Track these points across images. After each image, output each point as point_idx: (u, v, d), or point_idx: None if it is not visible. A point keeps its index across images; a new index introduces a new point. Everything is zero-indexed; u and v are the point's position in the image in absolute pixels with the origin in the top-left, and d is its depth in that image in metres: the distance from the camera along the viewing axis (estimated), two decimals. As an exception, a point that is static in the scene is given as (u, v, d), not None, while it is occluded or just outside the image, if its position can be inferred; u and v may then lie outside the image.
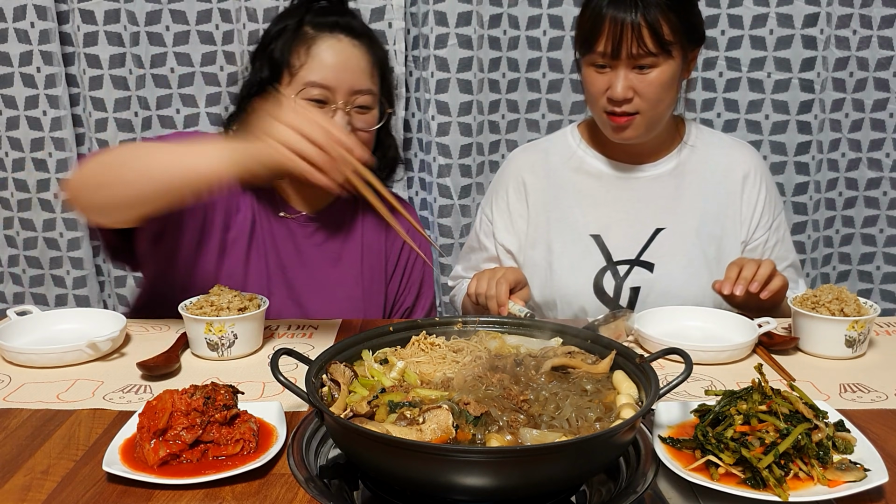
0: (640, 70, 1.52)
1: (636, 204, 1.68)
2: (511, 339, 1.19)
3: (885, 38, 2.23)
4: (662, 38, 1.49)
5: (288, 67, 1.49)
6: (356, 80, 1.50)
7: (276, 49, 1.51)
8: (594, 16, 1.51)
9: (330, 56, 1.48)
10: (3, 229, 2.35)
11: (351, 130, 1.49)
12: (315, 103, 1.47)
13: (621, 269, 1.67)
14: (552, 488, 0.89)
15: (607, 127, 1.60)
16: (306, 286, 1.64)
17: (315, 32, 1.50)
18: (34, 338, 1.37)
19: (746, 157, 1.72)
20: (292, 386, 0.98)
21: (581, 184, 1.71)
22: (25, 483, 0.93)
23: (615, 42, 1.49)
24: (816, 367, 1.30)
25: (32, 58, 2.18)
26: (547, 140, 1.82)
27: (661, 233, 1.67)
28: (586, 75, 1.58)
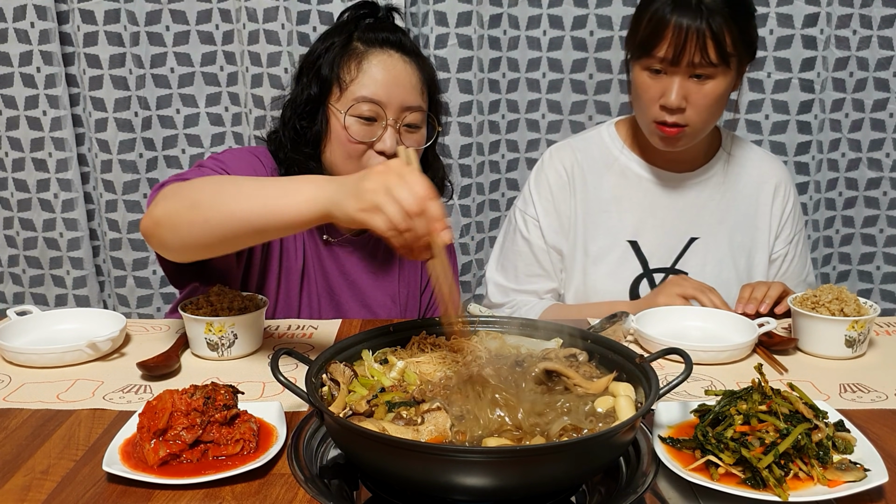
0: (696, 80, 1.49)
1: (672, 211, 1.67)
2: (511, 339, 1.19)
3: (885, 38, 2.23)
4: (725, 48, 1.45)
5: (338, 82, 1.46)
6: (407, 97, 1.47)
7: (324, 65, 1.47)
8: (656, 19, 1.46)
9: (381, 71, 1.46)
10: (3, 229, 2.35)
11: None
12: (365, 121, 1.45)
13: (657, 276, 1.66)
14: (552, 488, 0.89)
15: (654, 136, 1.57)
16: (350, 306, 1.63)
17: (366, 48, 1.47)
18: (34, 338, 1.37)
19: (777, 170, 1.73)
20: (292, 386, 0.98)
21: (618, 186, 1.69)
22: (25, 483, 0.93)
23: (677, 49, 1.45)
24: (816, 367, 1.30)
25: (32, 58, 2.18)
26: (582, 139, 1.77)
27: (696, 242, 1.66)
28: (639, 80, 1.54)
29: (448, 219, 1.04)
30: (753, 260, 1.67)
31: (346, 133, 1.45)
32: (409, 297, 1.71)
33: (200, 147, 2.32)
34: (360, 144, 1.46)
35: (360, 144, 1.46)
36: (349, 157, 1.47)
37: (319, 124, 1.48)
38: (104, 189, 2.29)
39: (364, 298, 1.65)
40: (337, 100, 1.47)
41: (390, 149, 1.45)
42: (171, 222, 1.19)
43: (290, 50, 2.20)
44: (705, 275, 1.64)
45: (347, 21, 1.52)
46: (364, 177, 1.02)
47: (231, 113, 2.31)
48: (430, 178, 1.55)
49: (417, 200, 0.98)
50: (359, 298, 1.64)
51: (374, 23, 1.52)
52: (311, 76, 1.49)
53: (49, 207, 2.31)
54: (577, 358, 1.11)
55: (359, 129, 1.45)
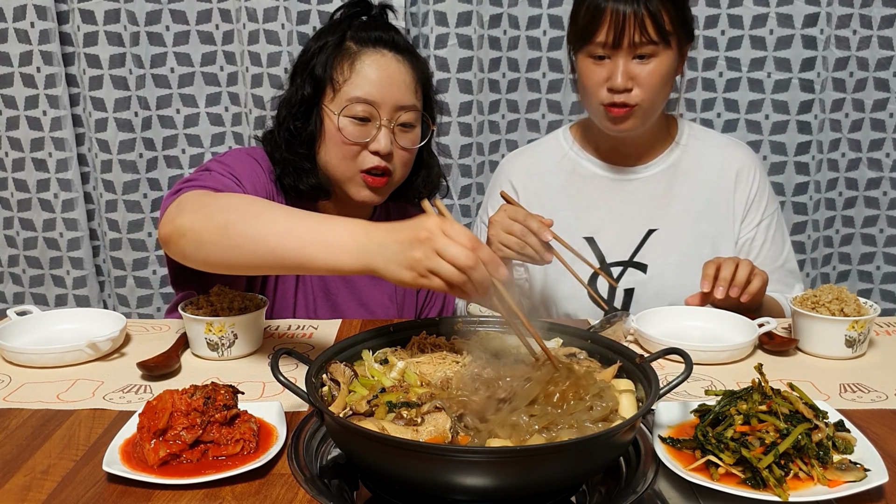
0: (639, 60, 1.52)
1: (629, 206, 1.69)
2: (511, 339, 1.19)
3: (885, 38, 2.23)
4: (663, 27, 1.50)
5: (331, 83, 1.46)
6: (401, 96, 1.47)
7: (317, 65, 1.47)
8: (593, 7, 1.50)
9: (374, 71, 1.46)
10: (3, 229, 2.35)
11: (395, 148, 1.47)
12: (359, 121, 1.45)
13: (615, 270, 1.68)
14: (552, 488, 0.89)
15: (605, 119, 1.59)
16: (347, 305, 1.64)
17: (358, 48, 1.47)
18: (34, 338, 1.37)
19: (740, 155, 1.72)
20: (292, 386, 0.98)
21: (573, 186, 1.72)
22: (25, 483, 0.93)
23: (617, 31, 1.49)
24: (816, 367, 1.30)
25: (32, 58, 2.18)
26: (539, 143, 1.82)
27: (654, 234, 1.67)
28: (584, 68, 1.57)
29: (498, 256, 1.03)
30: (719, 249, 1.67)
31: (341, 134, 1.45)
32: (406, 294, 1.71)
33: (200, 147, 2.32)
34: (354, 145, 1.46)
35: (354, 145, 1.46)
36: (344, 157, 1.47)
37: (314, 124, 1.48)
38: (104, 189, 2.29)
39: (361, 297, 1.65)
40: (331, 100, 1.47)
41: (384, 148, 1.45)
42: (198, 238, 1.18)
43: (290, 50, 2.20)
44: (667, 265, 1.65)
45: (341, 20, 1.52)
46: (410, 245, 1.01)
47: (231, 113, 2.31)
48: (426, 175, 1.59)
49: (469, 255, 0.99)
50: (356, 297, 1.65)
51: (367, 21, 1.52)
52: (305, 76, 1.49)
53: (49, 207, 2.31)
54: (577, 356, 1.11)
55: (353, 129, 1.45)
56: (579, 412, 0.94)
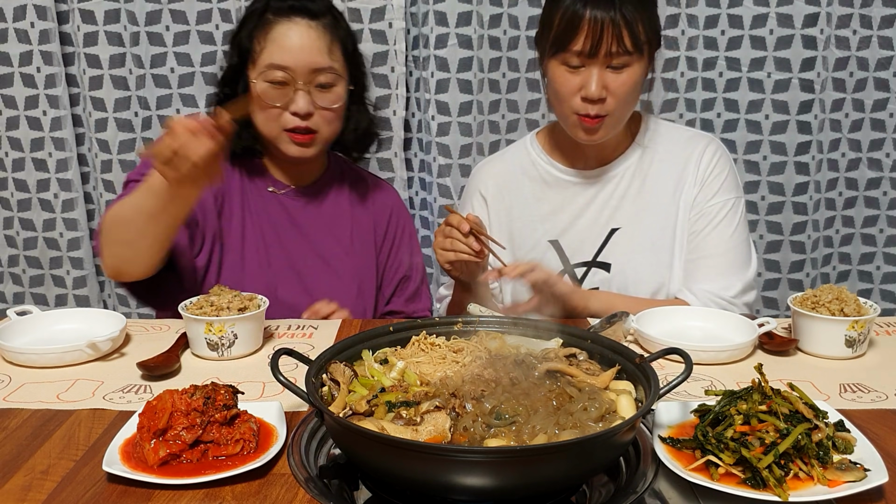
0: (613, 69, 1.52)
1: (591, 207, 1.70)
2: (511, 339, 1.19)
3: (885, 38, 2.23)
4: (638, 36, 1.50)
5: (251, 53, 1.60)
6: (314, 59, 1.58)
7: (242, 36, 1.62)
8: (570, 14, 1.49)
9: (286, 38, 1.58)
10: (3, 229, 2.35)
11: (314, 108, 1.59)
12: (277, 85, 1.57)
13: (578, 271, 1.69)
14: (552, 488, 0.89)
15: (577, 128, 1.59)
16: (302, 256, 1.71)
17: (275, 17, 1.59)
18: (34, 338, 1.37)
19: (702, 145, 1.68)
20: (292, 386, 0.98)
21: (539, 192, 1.73)
22: (25, 483, 0.93)
23: (594, 41, 1.48)
24: (816, 367, 1.30)
25: (32, 58, 2.18)
26: (506, 151, 1.84)
27: (617, 232, 1.68)
28: (556, 75, 1.56)
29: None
30: (679, 239, 1.66)
31: (262, 99, 1.59)
32: (365, 257, 1.77)
33: (200, 147, 2.32)
34: (275, 108, 1.59)
35: (275, 108, 1.59)
36: (268, 118, 1.61)
37: (241, 90, 1.62)
38: (104, 189, 2.29)
39: (316, 250, 1.72)
40: (252, 69, 1.60)
41: (302, 109, 1.58)
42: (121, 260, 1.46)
43: (290, 50, 2.20)
44: (629, 263, 1.66)
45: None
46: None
47: (231, 113, 2.30)
48: (353, 130, 1.70)
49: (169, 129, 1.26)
50: (311, 249, 1.72)
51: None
52: (234, 47, 1.64)
53: (49, 207, 2.31)
54: (577, 357, 1.11)
55: (272, 93, 1.58)
56: (578, 412, 0.94)
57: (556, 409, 0.96)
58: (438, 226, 1.56)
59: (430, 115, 2.22)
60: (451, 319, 1.22)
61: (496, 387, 1.00)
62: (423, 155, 2.32)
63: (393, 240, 1.82)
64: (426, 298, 1.89)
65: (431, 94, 2.21)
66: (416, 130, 2.32)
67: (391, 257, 1.82)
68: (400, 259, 1.83)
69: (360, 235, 1.78)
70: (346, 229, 1.76)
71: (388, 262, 1.82)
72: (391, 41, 2.19)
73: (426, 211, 2.36)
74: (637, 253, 1.66)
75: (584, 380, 1.04)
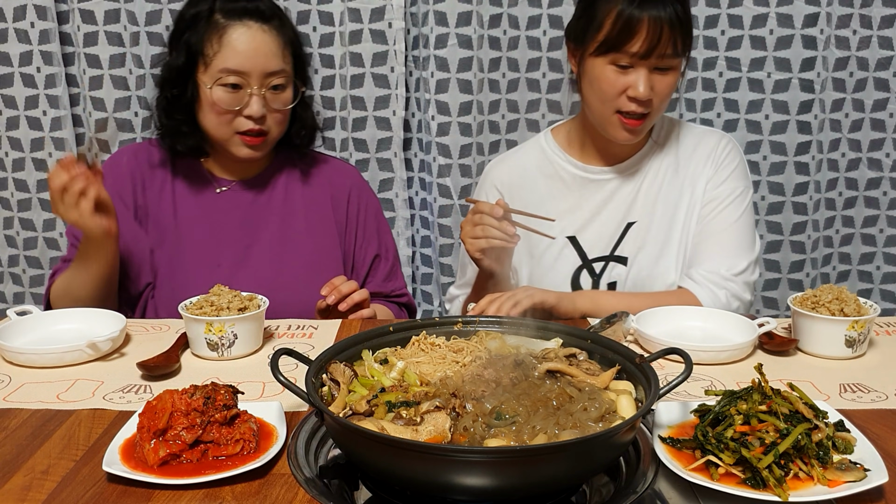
0: (658, 71, 1.53)
1: (608, 203, 1.71)
2: (511, 339, 1.19)
3: (885, 38, 2.23)
4: (688, 39, 1.52)
5: (202, 56, 1.59)
6: (268, 63, 1.59)
7: (190, 38, 1.60)
8: (627, 16, 1.48)
9: (241, 43, 1.57)
10: (3, 229, 2.35)
11: (268, 111, 1.60)
12: (230, 88, 1.58)
13: (597, 266, 1.69)
14: (552, 488, 0.89)
15: (617, 127, 1.59)
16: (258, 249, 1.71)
17: (226, 21, 1.59)
18: (34, 338, 1.37)
19: (714, 140, 1.70)
20: (292, 386, 0.98)
21: (555, 189, 1.73)
22: (25, 483, 0.93)
23: (652, 43, 1.48)
24: (816, 367, 1.30)
25: (32, 58, 2.18)
26: (520, 149, 1.84)
27: (633, 227, 1.69)
28: (602, 74, 1.55)
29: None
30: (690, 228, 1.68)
31: (215, 104, 1.59)
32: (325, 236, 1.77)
33: (200, 147, 2.32)
34: (229, 112, 1.60)
35: (229, 112, 1.60)
36: (220, 122, 1.62)
37: (190, 93, 1.62)
38: (104, 189, 2.29)
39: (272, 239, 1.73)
40: (203, 72, 1.59)
41: (257, 113, 1.60)
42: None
43: (290, 50, 2.20)
44: (644, 256, 1.67)
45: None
46: None
47: (231, 113, 2.30)
48: (300, 128, 1.71)
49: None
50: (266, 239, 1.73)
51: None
52: (180, 47, 1.62)
53: (49, 207, 2.30)
54: (577, 357, 1.11)
55: (226, 97, 1.59)
56: (578, 412, 0.94)
57: (556, 409, 0.96)
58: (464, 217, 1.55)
59: (430, 115, 2.22)
60: (451, 319, 1.22)
61: (496, 387, 1.00)
62: (423, 155, 2.32)
63: (357, 219, 1.81)
64: (402, 277, 1.89)
65: (431, 94, 2.21)
66: (416, 130, 2.32)
67: (358, 237, 1.81)
68: (367, 238, 1.82)
69: (317, 219, 1.77)
70: (300, 215, 1.76)
71: (357, 243, 1.81)
72: (391, 41, 2.19)
73: (426, 211, 2.36)
74: (652, 246, 1.67)
75: (584, 380, 1.04)
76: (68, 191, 1.43)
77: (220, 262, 1.68)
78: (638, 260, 1.68)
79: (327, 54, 2.22)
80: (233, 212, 1.72)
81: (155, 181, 1.71)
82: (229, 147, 1.65)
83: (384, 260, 1.84)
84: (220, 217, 1.71)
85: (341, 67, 2.23)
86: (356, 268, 1.81)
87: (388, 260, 1.84)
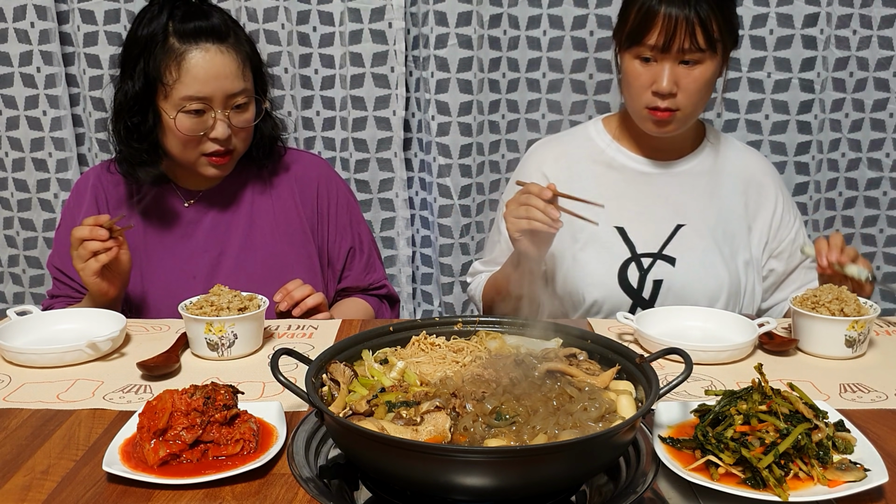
0: (685, 65, 1.54)
1: (657, 200, 1.70)
2: (511, 339, 1.19)
3: (885, 38, 2.23)
4: (712, 34, 1.52)
5: (161, 84, 1.55)
6: (229, 85, 1.57)
7: (147, 64, 1.55)
8: (646, 9, 1.52)
9: (201, 70, 1.54)
10: (3, 229, 2.35)
11: (233, 131, 1.59)
12: (194, 114, 1.55)
13: (645, 261, 1.68)
14: (552, 488, 0.89)
15: (647, 122, 1.61)
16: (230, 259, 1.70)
17: (182, 45, 1.54)
18: (34, 338, 1.37)
19: (759, 165, 1.76)
20: (292, 386, 0.98)
21: (604, 176, 1.72)
22: (25, 483, 0.93)
23: (667, 36, 1.50)
24: (816, 367, 1.30)
25: (32, 58, 2.18)
26: (567, 134, 1.83)
27: (682, 229, 1.68)
28: (630, 68, 1.59)
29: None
30: (735, 248, 1.69)
31: (179, 131, 1.56)
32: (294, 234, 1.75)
33: (200, 147, 2.32)
34: (193, 138, 1.57)
35: (193, 138, 1.57)
36: (185, 147, 1.59)
37: (151, 120, 1.58)
38: (104, 189, 2.29)
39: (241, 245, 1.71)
40: (164, 99, 1.56)
41: (223, 135, 1.57)
42: None
43: (290, 50, 2.20)
44: (692, 260, 1.67)
45: (160, 8, 1.57)
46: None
47: (231, 113, 2.30)
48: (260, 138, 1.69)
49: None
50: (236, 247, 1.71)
51: (186, 11, 1.57)
52: (137, 73, 1.56)
53: (49, 207, 2.31)
54: (577, 357, 1.11)
55: (190, 124, 1.56)
56: (578, 412, 0.94)
57: (556, 409, 0.96)
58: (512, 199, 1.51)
59: (430, 115, 2.22)
60: (451, 319, 1.22)
61: (496, 387, 1.00)
62: (423, 155, 2.32)
63: (327, 211, 1.78)
64: (381, 269, 1.87)
65: (431, 94, 2.21)
66: (416, 130, 2.32)
67: (331, 231, 1.79)
68: (340, 231, 1.79)
69: (285, 217, 1.75)
70: (268, 216, 1.74)
71: (330, 238, 1.79)
72: (391, 41, 2.19)
73: (426, 211, 2.36)
74: (700, 251, 1.67)
75: (584, 380, 1.04)
76: (84, 246, 1.44)
77: (194, 274, 1.67)
78: (688, 263, 1.66)
79: (327, 54, 2.22)
80: (202, 222, 1.70)
81: (121, 206, 1.69)
82: (196, 168, 1.63)
83: (359, 252, 1.81)
84: (190, 229, 1.70)
85: (341, 67, 2.23)
86: (332, 262, 1.79)
87: (363, 252, 1.82)
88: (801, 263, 1.74)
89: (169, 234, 1.69)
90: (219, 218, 1.72)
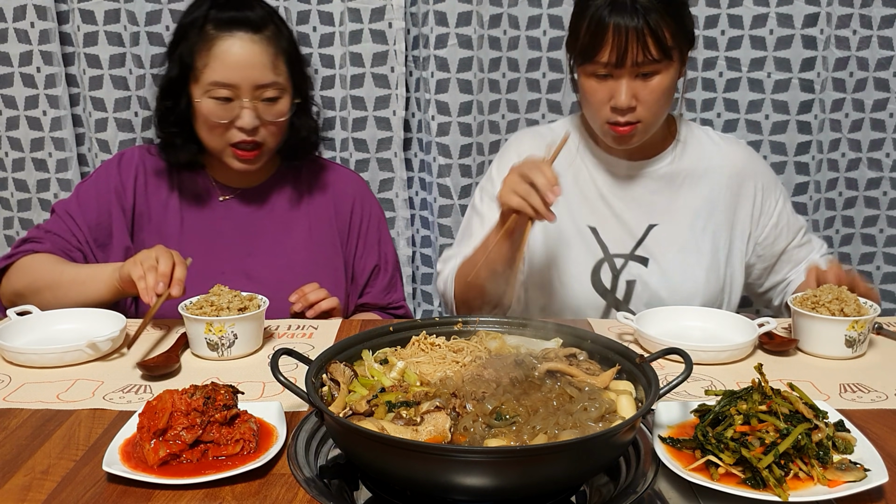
0: (642, 77, 1.51)
1: (630, 201, 1.70)
2: (511, 339, 1.19)
3: (885, 38, 2.23)
4: (665, 43, 1.48)
5: (193, 70, 1.58)
6: (259, 76, 1.57)
7: (183, 49, 1.59)
8: (596, 25, 1.48)
9: (230, 55, 1.56)
10: (3, 229, 2.35)
11: (260, 123, 1.59)
12: (222, 101, 1.56)
13: (617, 262, 1.68)
14: (552, 488, 0.89)
15: (609, 137, 1.61)
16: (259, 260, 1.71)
17: (216, 32, 1.57)
18: (34, 338, 1.37)
19: (740, 155, 1.73)
20: (292, 386, 0.98)
21: (578, 174, 1.72)
22: (25, 483, 0.93)
23: (620, 51, 1.47)
24: (816, 367, 1.30)
25: (32, 58, 2.18)
26: (548, 128, 1.82)
27: (654, 229, 1.68)
28: (586, 85, 1.57)
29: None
30: (718, 243, 1.69)
31: (206, 116, 1.58)
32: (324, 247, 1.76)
33: (200, 147, 2.32)
34: (220, 124, 1.59)
35: (220, 124, 1.59)
36: (212, 133, 1.61)
37: (183, 105, 1.61)
38: (104, 189, 2.29)
39: (272, 249, 1.72)
40: (195, 84, 1.59)
41: (248, 125, 1.58)
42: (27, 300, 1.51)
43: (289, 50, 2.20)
44: (664, 260, 1.66)
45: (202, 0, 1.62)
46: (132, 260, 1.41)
47: (231, 113, 2.30)
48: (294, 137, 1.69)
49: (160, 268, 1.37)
50: (267, 249, 1.72)
51: (229, 2, 1.59)
52: (174, 59, 1.61)
53: (49, 207, 2.30)
54: (577, 357, 1.11)
55: (217, 110, 1.57)
56: (578, 412, 0.94)
57: (556, 409, 0.96)
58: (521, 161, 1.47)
59: (430, 115, 2.22)
60: (451, 319, 1.22)
61: (496, 387, 1.00)
62: (423, 155, 2.32)
63: (359, 229, 1.80)
64: (401, 289, 1.88)
65: (431, 94, 2.21)
66: (416, 130, 2.32)
67: (359, 247, 1.80)
68: (368, 249, 1.81)
69: (318, 228, 1.76)
70: (301, 224, 1.75)
71: (357, 253, 1.80)
72: (391, 41, 2.19)
73: (426, 211, 2.36)
74: (675, 251, 1.67)
75: (584, 380, 1.04)
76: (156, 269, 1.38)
77: (223, 270, 1.67)
78: (661, 263, 1.66)
79: (327, 54, 2.22)
80: (234, 220, 1.72)
81: (160, 189, 1.71)
82: (224, 158, 1.64)
83: (383, 271, 1.83)
84: (222, 225, 1.71)
85: (341, 67, 2.23)
86: (356, 278, 1.81)
87: (387, 271, 1.84)
88: (791, 243, 1.73)
89: (202, 228, 1.70)
90: (252, 218, 1.72)
